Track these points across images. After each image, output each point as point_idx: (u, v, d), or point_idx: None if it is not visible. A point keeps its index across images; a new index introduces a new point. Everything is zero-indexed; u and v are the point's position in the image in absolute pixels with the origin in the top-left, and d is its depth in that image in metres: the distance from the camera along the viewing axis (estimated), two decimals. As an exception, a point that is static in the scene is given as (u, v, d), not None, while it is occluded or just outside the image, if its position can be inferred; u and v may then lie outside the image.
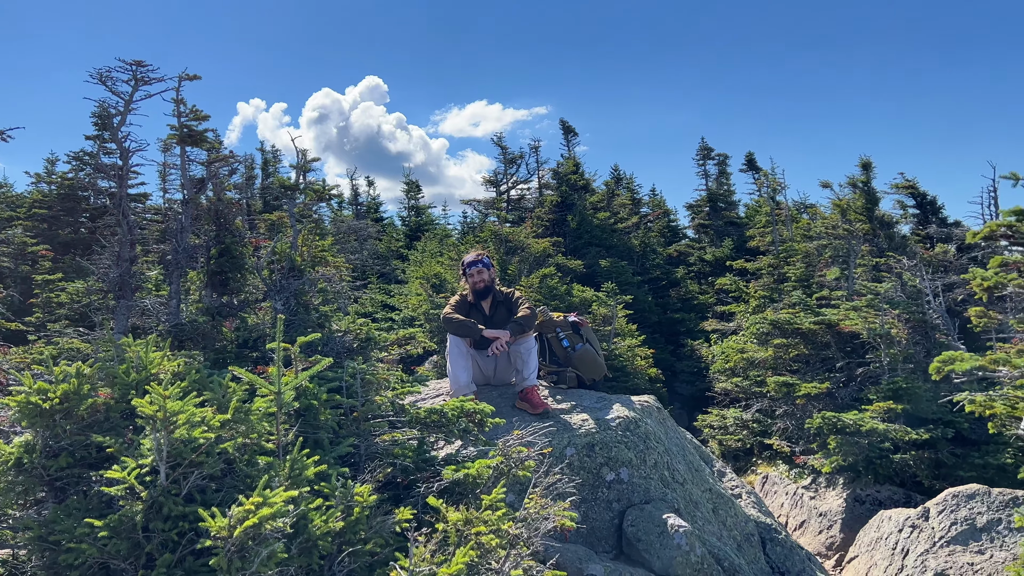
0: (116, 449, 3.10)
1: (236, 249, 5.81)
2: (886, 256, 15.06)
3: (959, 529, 7.21)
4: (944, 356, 5.24)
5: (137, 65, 5.64)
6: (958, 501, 7.45)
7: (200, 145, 6.19)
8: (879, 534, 8.17)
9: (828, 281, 15.99)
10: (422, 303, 13.95)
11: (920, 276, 12.49)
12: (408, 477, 3.98)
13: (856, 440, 10.02)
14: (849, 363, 12.20)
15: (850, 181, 18.42)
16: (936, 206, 19.02)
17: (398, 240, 29.90)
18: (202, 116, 5.99)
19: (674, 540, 4.88)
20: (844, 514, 9.96)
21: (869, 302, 12.39)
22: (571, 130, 27.56)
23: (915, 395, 10.44)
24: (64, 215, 19.38)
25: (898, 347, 11.46)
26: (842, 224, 16.65)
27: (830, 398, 11.76)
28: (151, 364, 3.67)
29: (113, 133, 5.73)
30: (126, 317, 5.42)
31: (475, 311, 6.26)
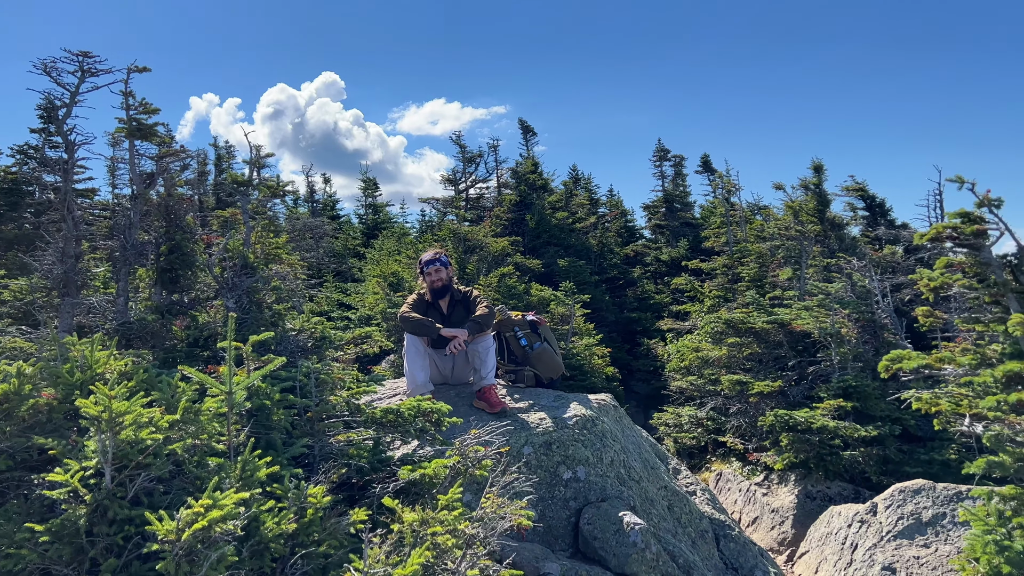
0: (59, 451, 3.00)
1: (187, 246, 5.67)
2: (837, 257, 15.40)
3: (905, 523, 7.40)
4: (892, 355, 5.36)
5: (84, 56, 5.46)
6: (904, 496, 7.64)
7: (150, 139, 6.03)
8: (829, 529, 8.34)
9: (781, 281, 16.29)
10: (379, 302, 13.83)
11: (869, 277, 12.80)
12: (363, 478, 3.93)
13: (807, 437, 10.22)
14: (801, 362, 12.43)
15: (802, 183, 18.79)
16: (885, 208, 19.54)
17: (355, 238, 29.59)
18: (152, 109, 5.83)
19: (630, 538, 4.91)
20: (795, 510, 10.15)
21: (820, 302, 12.65)
22: (530, 130, 27.64)
23: (864, 393, 10.69)
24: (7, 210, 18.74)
25: (848, 346, 11.71)
26: (794, 225, 16.97)
27: (782, 396, 11.97)
28: (96, 364, 3.55)
29: (58, 126, 5.55)
30: (71, 315, 5.25)
31: (433, 310, 6.21)
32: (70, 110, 5.57)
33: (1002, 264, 5.32)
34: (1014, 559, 4.72)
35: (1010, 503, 5.04)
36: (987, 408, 4.98)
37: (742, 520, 10.86)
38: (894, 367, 5.33)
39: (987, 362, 5.23)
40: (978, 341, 5.65)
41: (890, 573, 7.09)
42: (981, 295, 5.30)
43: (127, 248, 5.52)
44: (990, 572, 4.78)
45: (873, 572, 7.19)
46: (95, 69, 5.53)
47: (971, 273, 5.29)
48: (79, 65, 5.51)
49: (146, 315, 5.30)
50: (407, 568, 2.75)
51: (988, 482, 5.68)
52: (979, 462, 5.30)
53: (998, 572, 4.74)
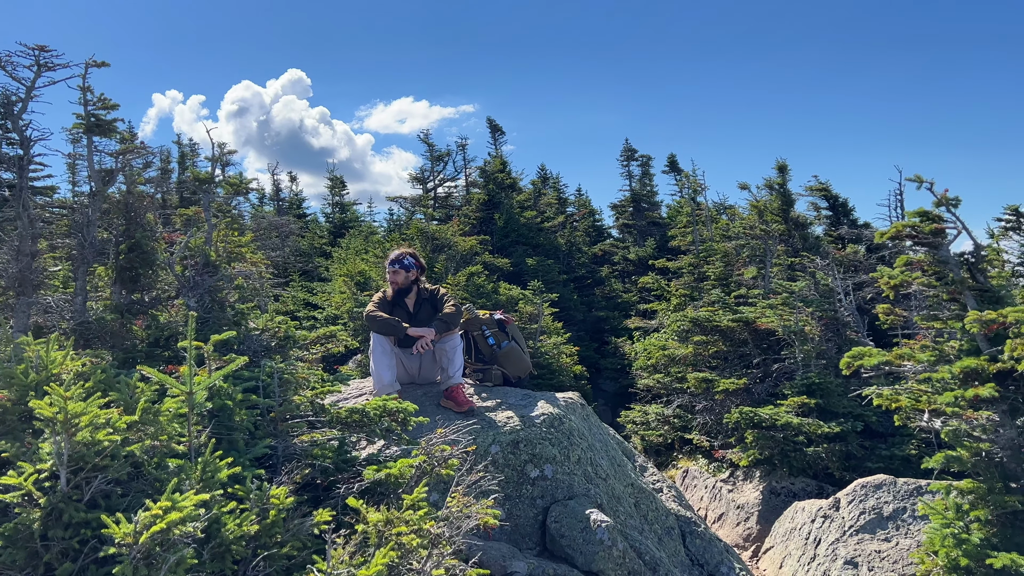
0: (12, 454, 2.93)
1: (147, 244, 5.55)
2: (800, 256, 15.64)
3: (867, 518, 7.53)
4: (853, 352, 5.45)
5: (40, 50, 5.34)
6: (866, 491, 7.78)
7: (109, 135, 5.90)
8: (793, 525, 8.46)
9: (746, 280, 16.48)
10: (346, 301, 13.73)
11: (832, 275, 13.01)
12: (328, 478, 3.89)
13: (772, 434, 10.35)
14: (765, 359, 12.59)
15: (767, 183, 19.03)
16: (847, 208, 19.87)
17: (322, 237, 29.34)
18: (111, 105, 5.71)
19: (597, 535, 4.93)
20: (760, 506, 10.27)
21: (784, 300, 12.82)
22: (498, 129, 27.64)
23: (827, 390, 10.86)
24: (-38, 208, 18.28)
25: (811, 344, 11.89)
26: (759, 225, 17.18)
27: (747, 394, 12.11)
28: (52, 364, 3.47)
29: (13, 121, 5.41)
30: (26, 315, 5.13)
31: (399, 309, 6.17)
32: (26, 105, 5.44)
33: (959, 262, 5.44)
34: (972, 552, 4.83)
35: (967, 497, 5.16)
36: (945, 404, 5.09)
37: (708, 517, 10.97)
38: (855, 364, 5.42)
39: (945, 358, 5.34)
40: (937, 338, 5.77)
41: (852, 567, 7.21)
42: (939, 293, 5.41)
43: (85, 246, 5.40)
44: (948, 565, 4.89)
45: (836, 566, 7.31)
46: (52, 63, 5.40)
47: (930, 271, 5.40)
48: (35, 59, 5.38)
49: (105, 315, 5.19)
50: (371, 569, 2.73)
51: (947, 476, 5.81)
52: (937, 457, 5.41)
53: (956, 565, 4.84)
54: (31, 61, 5.45)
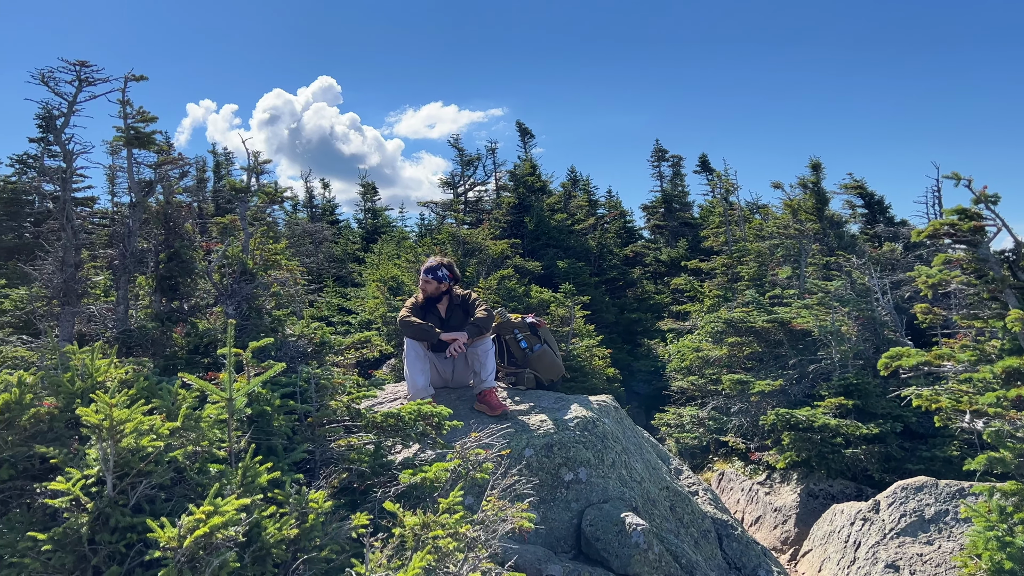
0: (60, 460, 3.01)
1: (186, 253, 5.68)
2: (836, 255, 15.42)
3: (908, 521, 7.40)
4: (892, 352, 5.37)
5: (81, 65, 5.48)
6: (907, 493, 7.64)
7: (148, 147, 6.04)
8: (832, 527, 8.34)
9: (780, 280, 16.30)
10: (379, 306, 13.84)
11: (869, 274, 12.81)
12: (364, 482, 3.94)
13: (809, 436, 10.22)
14: (801, 360, 12.43)
15: (801, 182, 18.81)
16: (884, 206, 19.56)
17: (354, 243, 29.63)
18: (149, 118, 5.85)
19: (632, 539, 4.92)
20: (798, 509, 10.15)
21: (820, 300, 12.66)
22: (527, 132, 27.67)
23: (865, 391, 10.70)
24: (7, 220, 18.80)
25: (848, 344, 11.72)
26: (793, 224, 16.99)
27: (783, 395, 11.97)
28: (97, 372, 3.56)
29: (56, 135, 5.57)
30: (71, 324, 5.27)
31: (431, 314, 6.22)
32: (68, 119, 5.59)
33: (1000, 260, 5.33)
34: (1016, 555, 4.73)
35: (1011, 499, 5.05)
36: (987, 404, 4.99)
37: (745, 520, 10.86)
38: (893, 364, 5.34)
39: (986, 358, 5.24)
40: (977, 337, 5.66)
41: (893, 571, 7.09)
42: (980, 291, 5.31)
43: (126, 256, 5.53)
44: (992, 568, 4.79)
45: (876, 570, 7.20)
46: (92, 78, 5.55)
47: (969, 269, 5.31)
48: (77, 75, 5.53)
49: (146, 323, 5.31)
50: (409, 572, 2.76)
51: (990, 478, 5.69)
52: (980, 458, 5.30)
53: (1000, 568, 4.74)
54: (72, 76, 5.60)
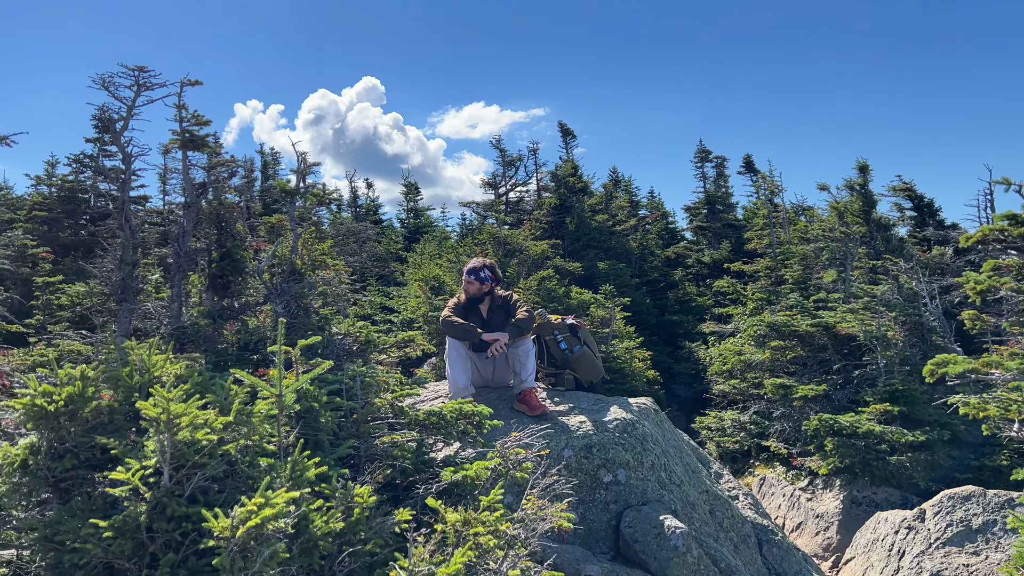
0: (120, 451, 3.15)
1: (237, 253, 5.86)
2: (883, 259, 15.14)
3: (955, 530, 7.27)
4: (938, 359, 5.30)
5: (139, 70, 5.69)
6: (954, 503, 7.50)
7: (201, 149, 6.23)
8: (875, 535, 8.22)
9: (825, 283, 16.06)
10: (421, 305, 13.99)
11: (917, 278, 12.56)
12: (407, 479, 4.03)
13: (853, 442, 10.08)
14: (846, 365, 12.25)
15: (847, 184, 18.50)
16: (933, 208, 19.13)
17: (397, 242, 29.94)
18: (203, 121, 6.04)
19: (671, 541, 4.93)
20: (841, 515, 10.01)
21: (866, 304, 12.46)
22: (569, 132, 27.63)
23: (912, 397, 10.51)
24: (64, 218, 19.43)
25: (895, 349, 11.52)
26: (839, 227, 16.71)
27: (827, 400, 11.82)
28: (154, 367, 3.71)
29: (116, 138, 5.78)
30: (128, 320, 5.47)
31: (473, 314, 6.30)
32: (127, 123, 5.80)
33: (1052, 267, 5.22)
34: (1065, 568, 4.63)
35: (1061, 510, 4.95)
36: (1037, 414, 4.90)
37: (786, 525, 10.75)
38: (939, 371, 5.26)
39: (1036, 367, 5.14)
40: (1028, 345, 5.55)
41: (938, 581, 6.97)
42: (1030, 298, 5.20)
43: (180, 255, 5.72)
44: (1040, 580, 4.69)
45: (920, 579, 7.09)
46: (150, 83, 5.75)
47: (1020, 276, 5.21)
48: (135, 79, 5.73)
49: (199, 320, 5.49)
50: (451, 567, 2.83)
51: (1039, 489, 5.57)
52: (1029, 468, 5.20)
53: (1048, 581, 4.65)
54: (131, 81, 5.81)
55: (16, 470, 3.23)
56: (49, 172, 21.70)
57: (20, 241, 15.31)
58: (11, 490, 3.27)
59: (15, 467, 3.22)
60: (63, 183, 20.35)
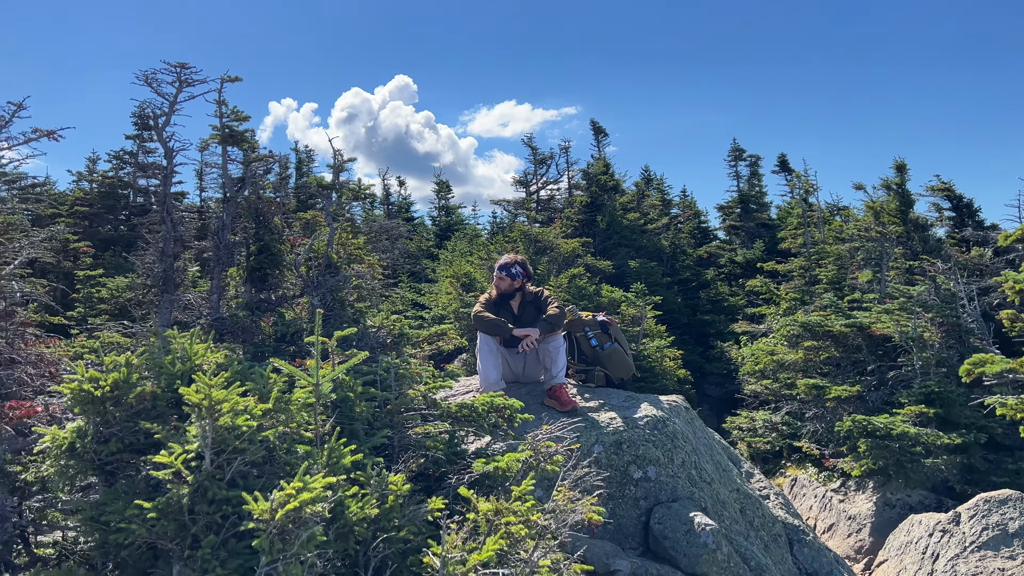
0: (163, 435, 3.25)
1: (275, 246, 5.98)
2: (920, 259, 14.92)
3: (990, 534, 7.16)
4: (975, 358, 5.23)
5: (181, 67, 5.82)
6: (990, 506, 7.39)
7: (240, 145, 6.37)
8: (909, 538, 8.13)
9: (860, 284, 15.86)
10: (452, 301, 14.09)
11: (955, 279, 12.35)
12: (439, 469, 4.09)
13: (887, 444, 9.96)
14: (880, 366, 12.09)
15: (884, 183, 18.24)
16: (972, 209, 18.75)
17: (428, 239, 30.15)
18: (243, 117, 6.17)
19: (701, 538, 4.93)
20: (874, 518, 9.90)
21: (901, 305, 12.29)
22: (601, 130, 27.59)
23: (948, 399, 10.35)
24: (104, 212, 19.88)
25: (931, 351, 11.35)
26: (875, 226, 16.49)
27: (861, 401, 11.68)
28: (195, 355, 3.81)
29: (158, 133, 5.92)
30: (169, 311, 5.62)
31: (504, 310, 6.35)
32: (169, 118, 5.95)
33: (1095, 267, 5.12)
34: (1105, 572, 4.55)
35: (1102, 515, 4.86)
36: (1077, 416, 4.82)
37: (817, 527, 10.65)
38: (976, 371, 5.20)
39: (1077, 368, 5.05)
40: (1069, 346, 5.45)
41: (973, 585, 6.88)
42: (1071, 299, 5.11)
43: (220, 249, 5.86)
44: (1079, 585, 4.62)
45: (955, 583, 7.00)
46: (191, 80, 5.88)
47: (1061, 276, 5.12)
48: (177, 76, 5.87)
49: (237, 312, 5.62)
50: (483, 554, 2.88)
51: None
52: (1068, 471, 5.11)
53: (1087, 585, 4.58)
54: (173, 78, 5.95)
55: (64, 453, 3.35)
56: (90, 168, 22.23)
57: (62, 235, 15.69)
58: (58, 473, 3.39)
59: (63, 450, 3.34)
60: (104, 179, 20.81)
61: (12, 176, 6.64)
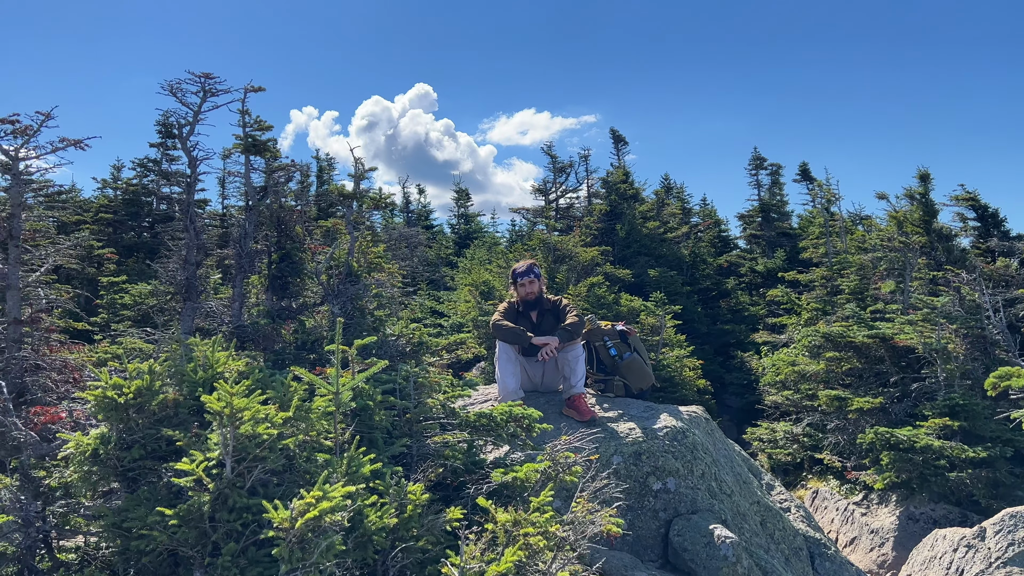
0: (185, 443, 3.27)
1: (296, 255, 6.03)
2: (944, 270, 14.73)
3: (1017, 550, 7.03)
4: (1000, 371, 5.15)
5: (205, 77, 5.89)
6: (1016, 521, 7.26)
7: (263, 154, 6.43)
8: (933, 553, 8.00)
9: (883, 294, 15.69)
10: (471, 310, 14.12)
11: (980, 290, 12.18)
12: (458, 478, 4.08)
13: (910, 457, 9.83)
14: (904, 378, 11.94)
15: (907, 193, 18.06)
16: (998, 219, 18.52)
17: (447, 247, 30.23)
18: (266, 127, 6.24)
19: (721, 551, 4.89)
20: (897, 532, 9.77)
21: (925, 316, 12.14)
22: (621, 139, 27.58)
23: (973, 412, 10.20)
24: (128, 219, 20.13)
25: (955, 363, 11.19)
26: (898, 236, 16.32)
27: (883, 413, 11.54)
28: (217, 363, 3.84)
29: (183, 143, 6.00)
30: (191, 318, 5.67)
31: (523, 318, 6.34)
32: (193, 128, 6.02)
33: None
34: None
35: None
36: (1107, 431, 4.73)
37: (839, 540, 10.52)
38: (1002, 384, 5.12)
39: (1107, 382, 4.96)
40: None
41: (999, 602, 6.76)
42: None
43: (242, 256, 5.91)
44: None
45: (980, 600, 6.88)
46: (215, 89, 5.96)
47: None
48: (201, 86, 5.95)
49: (259, 319, 5.66)
50: (501, 565, 2.87)
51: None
52: (1098, 488, 5.02)
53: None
54: (197, 88, 6.02)
55: (87, 459, 3.38)
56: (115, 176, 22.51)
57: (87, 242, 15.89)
58: (82, 478, 3.42)
59: (87, 456, 3.37)
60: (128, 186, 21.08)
61: (39, 184, 6.73)
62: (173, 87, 5.93)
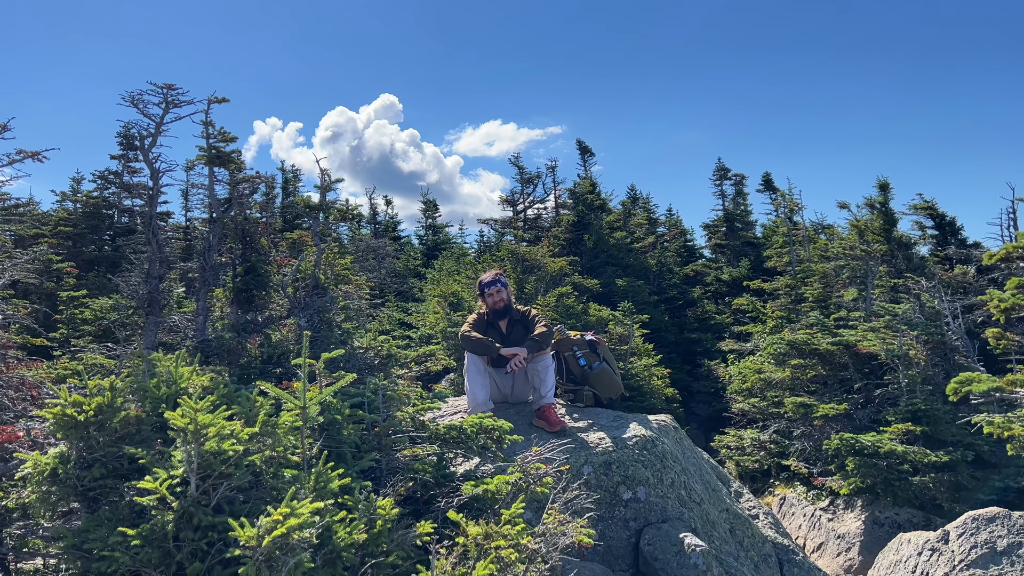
0: (148, 461, 3.20)
1: (262, 267, 5.95)
2: (904, 277, 15.03)
3: (979, 553, 7.16)
4: (961, 377, 5.25)
5: (168, 88, 5.81)
6: (978, 524, 7.40)
7: (227, 166, 6.34)
8: (898, 557, 8.11)
9: (846, 302, 15.96)
10: (439, 321, 14.05)
11: (939, 297, 12.45)
12: (428, 492, 4.04)
13: (875, 462, 9.98)
14: (867, 384, 12.14)
15: (868, 202, 18.42)
16: (955, 227, 18.97)
17: (416, 259, 30.08)
18: (230, 138, 6.15)
19: (691, 560, 4.90)
20: (863, 536, 9.89)
21: (887, 323, 12.36)
22: (587, 150, 27.74)
23: (934, 417, 10.40)
24: (89, 233, 19.73)
25: (917, 369, 11.41)
26: (860, 245, 16.63)
27: (848, 419, 11.71)
28: (181, 379, 3.77)
29: (144, 154, 5.89)
30: (154, 333, 5.56)
31: (492, 329, 6.33)
32: (155, 139, 5.92)
33: (1077, 285, 5.17)
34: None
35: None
36: (1063, 433, 4.84)
37: (807, 546, 10.63)
38: (963, 390, 5.22)
39: (1063, 386, 5.08)
40: (1053, 364, 5.49)
41: (963, 604, 6.87)
42: (1055, 317, 5.16)
43: (206, 269, 5.81)
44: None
45: (945, 602, 6.98)
46: (178, 100, 5.87)
47: (1044, 294, 5.16)
48: (164, 97, 5.85)
49: (223, 333, 5.56)
50: (473, 579, 2.85)
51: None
52: (1055, 489, 5.13)
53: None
54: (160, 99, 5.93)
55: (46, 479, 3.29)
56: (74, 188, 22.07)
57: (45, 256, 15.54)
58: (40, 499, 3.32)
59: (45, 476, 3.28)
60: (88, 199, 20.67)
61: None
62: (135, 98, 5.83)
